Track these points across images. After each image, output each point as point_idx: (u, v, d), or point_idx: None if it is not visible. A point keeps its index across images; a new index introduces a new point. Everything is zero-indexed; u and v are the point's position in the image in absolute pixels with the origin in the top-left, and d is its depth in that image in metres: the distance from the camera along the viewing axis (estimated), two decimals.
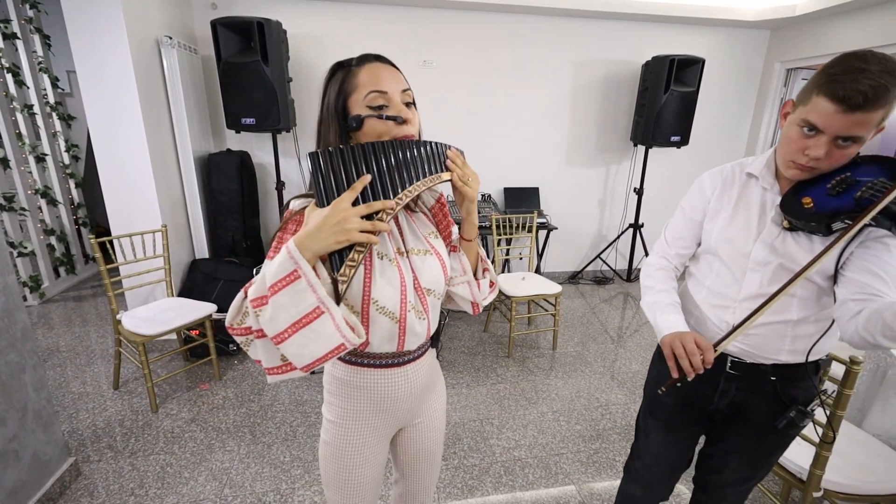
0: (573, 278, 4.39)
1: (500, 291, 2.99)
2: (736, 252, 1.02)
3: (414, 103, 0.85)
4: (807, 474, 1.33)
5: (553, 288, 2.96)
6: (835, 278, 0.92)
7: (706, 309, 1.08)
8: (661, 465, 1.23)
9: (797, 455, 1.39)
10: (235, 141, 3.51)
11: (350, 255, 0.72)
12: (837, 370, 1.26)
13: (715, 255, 1.07)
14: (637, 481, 1.30)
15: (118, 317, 2.34)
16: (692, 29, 3.94)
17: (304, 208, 0.80)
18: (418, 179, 0.80)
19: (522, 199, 3.98)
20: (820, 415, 1.31)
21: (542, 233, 3.83)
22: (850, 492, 1.34)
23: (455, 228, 1.00)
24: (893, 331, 0.77)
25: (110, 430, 2.19)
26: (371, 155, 0.75)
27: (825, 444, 1.25)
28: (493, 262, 3.18)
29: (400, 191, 0.77)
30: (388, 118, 0.79)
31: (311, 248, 0.69)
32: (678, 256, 1.16)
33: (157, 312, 2.43)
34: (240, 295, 0.75)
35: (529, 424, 2.30)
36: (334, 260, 0.72)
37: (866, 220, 0.81)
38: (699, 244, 1.14)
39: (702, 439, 1.25)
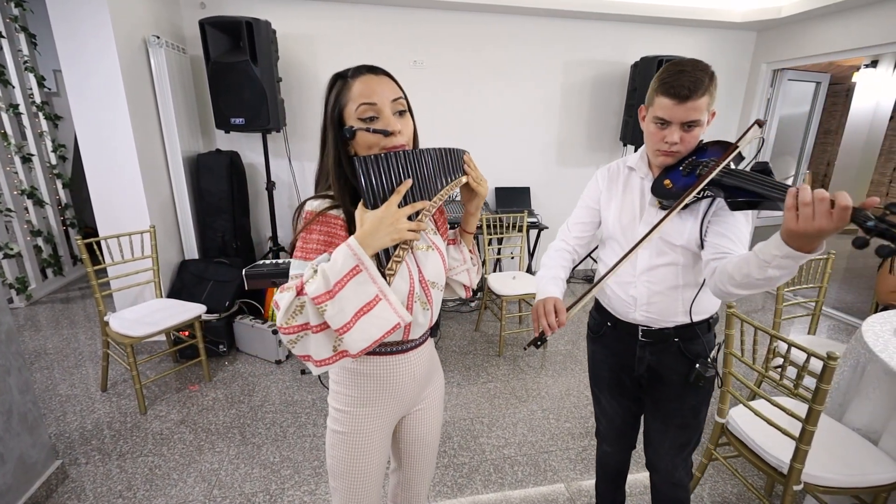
0: None
1: (492, 290, 3.02)
2: (628, 234, 1.20)
3: (409, 110, 0.90)
4: (787, 468, 1.35)
5: None
6: (702, 245, 1.09)
7: (615, 287, 1.25)
8: (615, 424, 1.44)
9: (778, 448, 1.42)
10: (225, 141, 3.49)
11: (396, 252, 0.82)
12: (815, 365, 1.28)
13: (614, 239, 1.25)
14: (604, 440, 1.51)
15: (106, 318, 2.32)
16: (680, 30, 3.98)
17: (327, 209, 0.87)
18: (446, 183, 0.90)
19: (513, 199, 4.00)
20: (766, 380, 1.33)
21: (533, 232, 3.85)
22: (831, 485, 1.36)
23: (447, 225, 1.12)
24: (735, 280, 0.92)
25: (98, 432, 2.17)
26: (411, 161, 0.83)
27: (803, 437, 1.28)
28: (483, 261, 3.21)
29: (433, 193, 0.87)
30: (375, 132, 0.83)
31: (372, 246, 0.79)
32: (576, 239, 1.36)
33: (146, 314, 2.42)
34: (288, 296, 0.78)
35: (519, 423, 2.32)
36: (381, 256, 0.82)
37: (695, 191, 1.01)
38: (599, 230, 1.33)
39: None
